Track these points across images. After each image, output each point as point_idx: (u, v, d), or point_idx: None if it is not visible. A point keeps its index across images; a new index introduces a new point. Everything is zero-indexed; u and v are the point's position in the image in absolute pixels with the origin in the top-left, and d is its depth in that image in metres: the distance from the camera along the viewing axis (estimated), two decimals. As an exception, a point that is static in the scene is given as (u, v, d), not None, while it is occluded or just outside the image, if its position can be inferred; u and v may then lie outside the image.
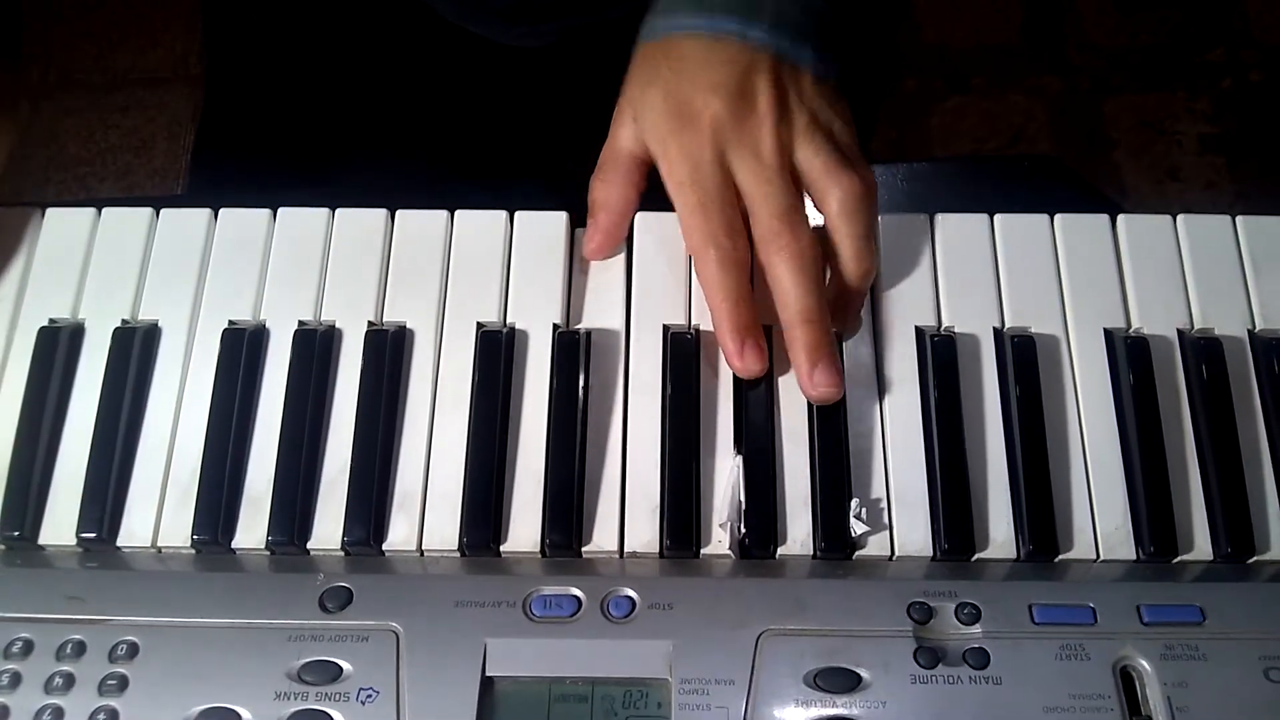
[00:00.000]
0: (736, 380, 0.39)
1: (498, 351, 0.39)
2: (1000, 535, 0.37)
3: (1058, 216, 0.42)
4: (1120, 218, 0.42)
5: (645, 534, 0.37)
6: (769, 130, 0.38)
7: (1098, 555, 0.37)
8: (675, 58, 0.40)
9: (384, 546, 0.37)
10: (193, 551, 0.37)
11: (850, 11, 0.42)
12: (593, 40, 0.57)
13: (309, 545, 0.37)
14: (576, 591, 0.35)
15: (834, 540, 0.36)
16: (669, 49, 0.40)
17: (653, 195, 0.41)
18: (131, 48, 1.29)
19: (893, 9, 0.68)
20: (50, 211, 0.42)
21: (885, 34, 0.67)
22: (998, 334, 0.40)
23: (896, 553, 0.37)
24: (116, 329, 0.40)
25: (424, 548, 0.37)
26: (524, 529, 0.37)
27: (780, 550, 0.37)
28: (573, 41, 0.58)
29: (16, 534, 0.37)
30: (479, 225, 0.42)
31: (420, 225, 0.42)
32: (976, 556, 0.37)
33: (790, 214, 0.38)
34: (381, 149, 0.61)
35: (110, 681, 0.33)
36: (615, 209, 0.41)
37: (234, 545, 0.37)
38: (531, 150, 0.61)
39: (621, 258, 0.41)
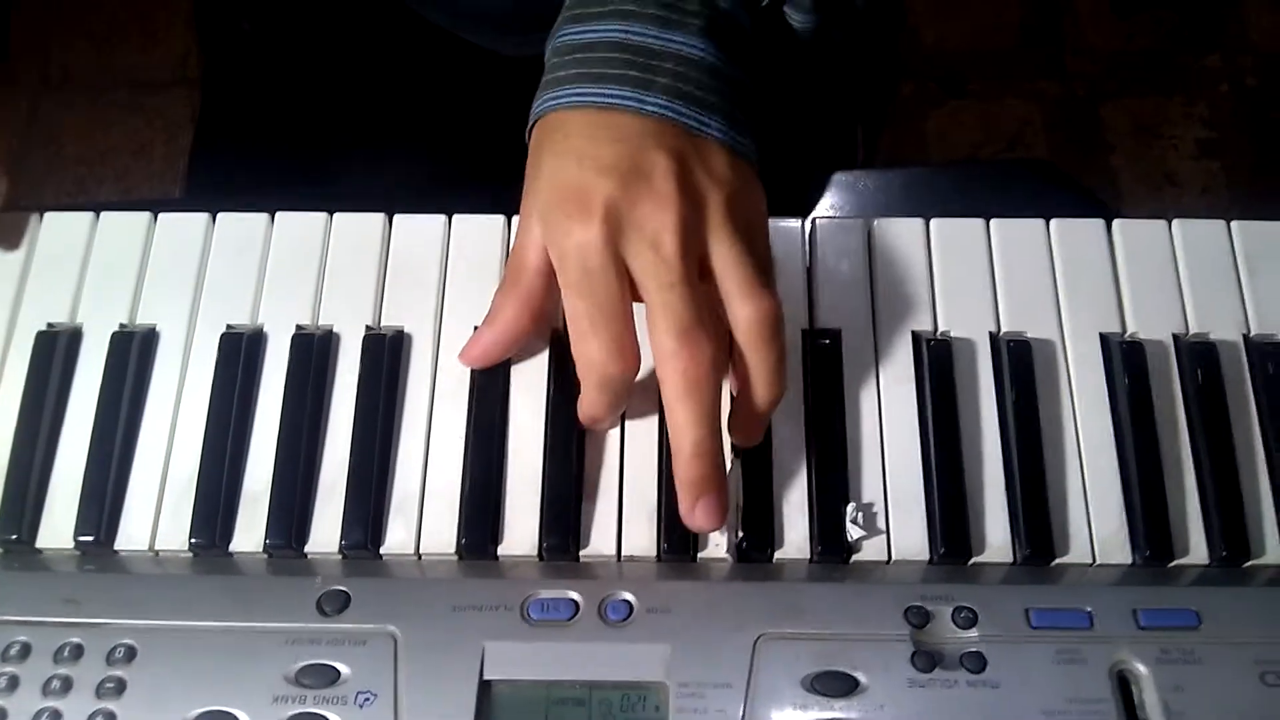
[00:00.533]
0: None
1: (496, 355, 0.39)
2: (997, 539, 0.37)
3: (1053, 221, 0.42)
4: (1116, 222, 0.42)
5: (643, 537, 0.37)
6: (672, 219, 0.33)
7: (1094, 559, 0.37)
8: (561, 137, 0.35)
9: (381, 550, 0.37)
10: (190, 555, 0.37)
11: (767, 72, 0.38)
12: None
13: (306, 549, 0.37)
14: (574, 595, 0.35)
15: (831, 544, 0.37)
16: (555, 127, 0.36)
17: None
18: (130, 50, 1.29)
19: (892, 19, 0.68)
20: (48, 215, 0.42)
21: (885, 44, 0.67)
22: (994, 338, 0.40)
23: (893, 556, 0.37)
24: (114, 333, 0.40)
25: (422, 551, 0.37)
26: (521, 532, 0.37)
27: (777, 554, 0.37)
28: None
29: (14, 537, 0.37)
30: (476, 229, 0.42)
31: (418, 229, 0.42)
32: (973, 560, 0.37)
33: (691, 332, 0.33)
34: (379, 153, 0.61)
35: (108, 684, 0.33)
36: (506, 328, 0.37)
37: (231, 548, 0.37)
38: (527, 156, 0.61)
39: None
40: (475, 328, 0.40)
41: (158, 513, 0.38)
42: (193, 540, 0.37)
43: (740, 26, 0.38)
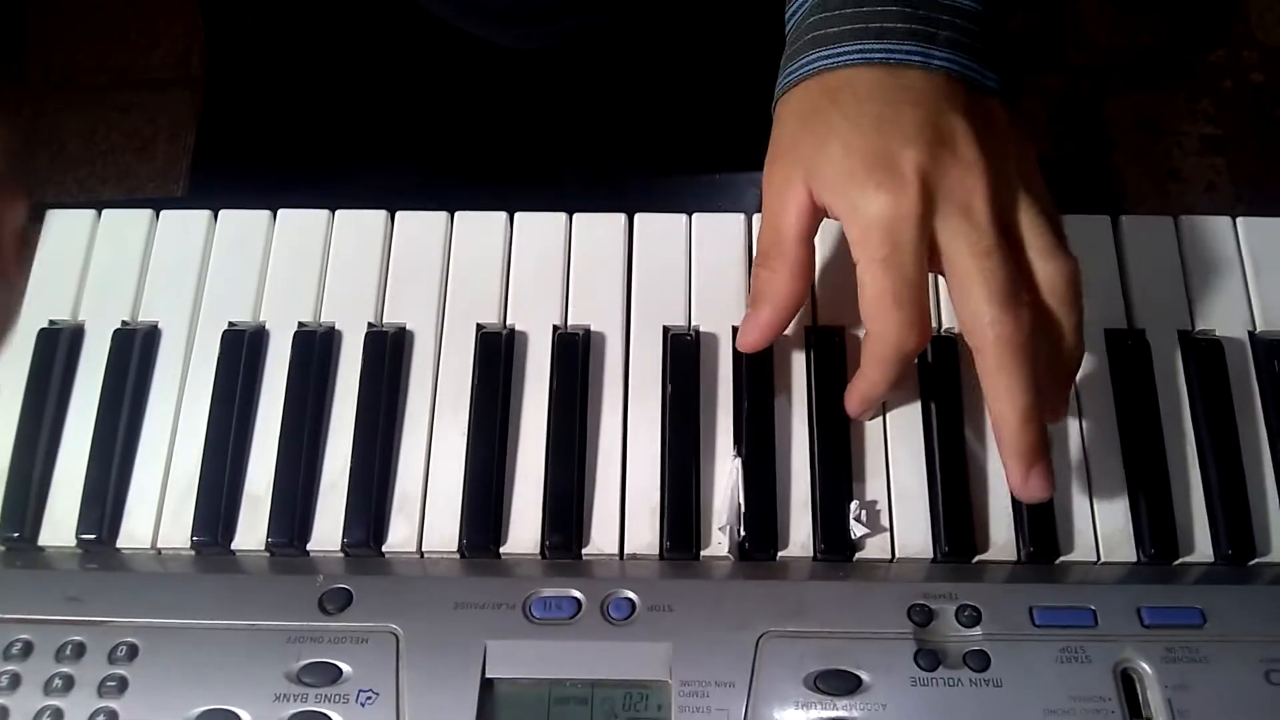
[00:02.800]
0: (736, 381, 0.39)
1: (498, 352, 0.39)
2: (1001, 537, 0.37)
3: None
4: (1121, 219, 0.42)
5: (645, 536, 0.37)
6: (982, 185, 0.32)
7: (1098, 557, 0.37)
8: (847, 98, 0.33)
9: (384, 548, 0.37)
10: (192, 553, 0.37)
11: (1007, 17, 0.35)
12: (592, 42, 0.57)
13: (309, 546, 0.37)
14: (576, 593, 0.35)
15: (834, 542, 0.36)
16: (834, 88, 0.34)
17: (654, 196, 0.41)
18: (132, 49, 1.29)
19: None
20: (50, 213, 0.42)
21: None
22: (998, 335, 0.40)
23: (897, 555, 0.37)
24: (116, 330, 0.40)
25: (424, 549, 0.37)
26: (524, 530, 0.37)
27: (780, 552, 0.37)
28: (572, 44, 0.58)
29: (16, 535, 0.37)
30: (479, 226, 0.42)
31: (420, 226, 0.42)
32: (977, 558, 0.37)
33: (1014, 298, 0.32)
34: (382, 150, 0.61)
35: (110, 683, 0.33)
36: (783, 305, 0.35)
37: (234, 546, 0.37)
38: (531, 152, 0.61)
39: (622, 258, 0.41)
40: (478, 325, 0.40)
41: (160, 511, 0.38)
42: (195, 538, 0.37)
43: None
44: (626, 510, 0.37)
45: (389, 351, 0.39)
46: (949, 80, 0.33)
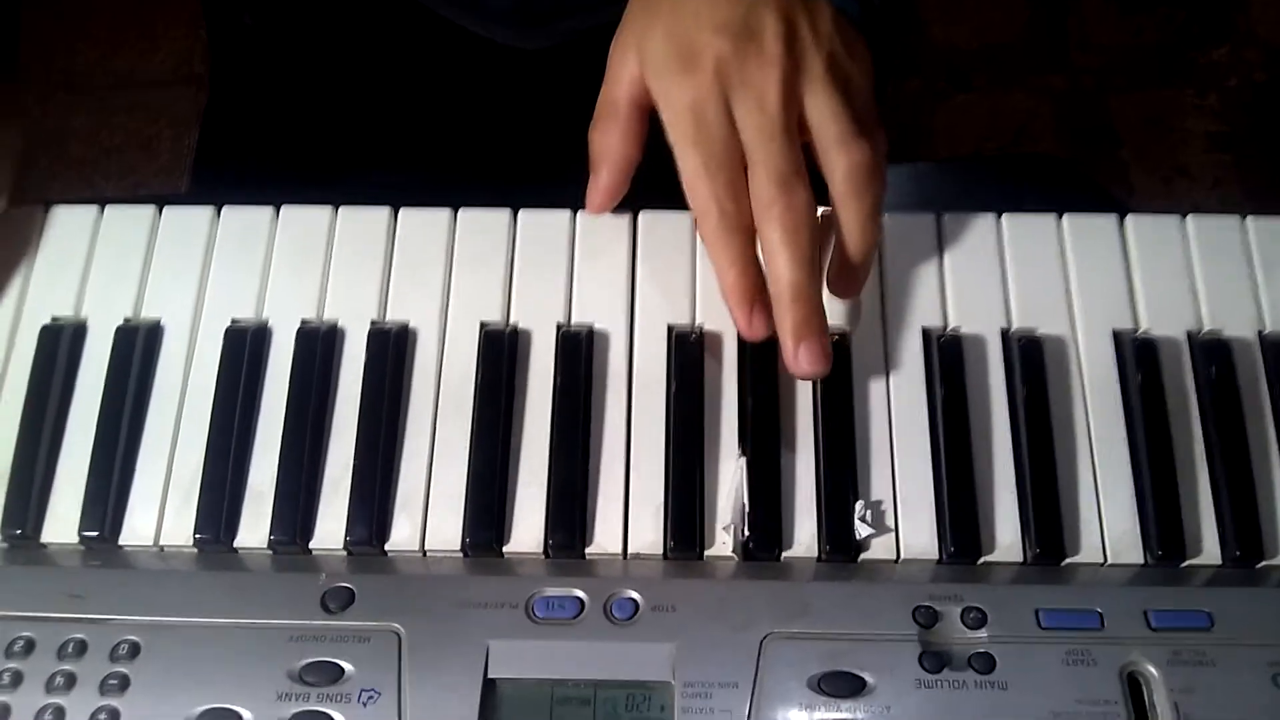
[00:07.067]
0: (741, 380, 0.39)
1: (501, 350, 0.39)
2: (1007, 538, 0.37)
3: (1065, 217, 0.41)
4: (1128, 218, 0.41)
5: (649, 535, 0.37)
6: (776, 77, 0.35)
7: (1105, 559, 0.36)
8: None
9: (386, 546, 0.37)
10: (195, 550, 0.37)
11: None
12: (593, 41, 0.57)
13: (311, 545, 0.37)
14: (579, 593, 0.35)
15: (839, 543, 0.36)
16: None
17: (654, 196, 0.40)
18: (135, 49, 1.29)
19: (896, 7, 0.67)
20: (54, 209, 0.42)
21: (888, 32, 0.67)
22: (1005, 335, 0.40)
23: (902, 556, 0.36)
24: (119, 327, 0.40)
25: (426, 548, 0.37)
26: (527, 529, 0.37)
27: (784, 553, 0.36)
28: (573, 42, 0.57)
29: (19, 532, 0.37)
30: (482, 223, 0.41)
31: (423, 223, 0.42)
32: (982, 560, 0.36)
33: (788, 179, 0.35)
34: (384, 149, 0.60)
35: (111, 681, 0.33)
36: (617, 162, 0.39)
37: (236, 544, 0.37)
38: (533, 150, 0.60)
39: (625, 257, 0.41)
40: (481, 323, 0.40)
41: (162, 508, 0.38)
42: (197, 536, 0.37)
43: None
44: (630, 509, 0.37)
45: (392, 349, 0.39)
46: None
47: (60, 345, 0.39)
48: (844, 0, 0.38)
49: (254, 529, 0.37)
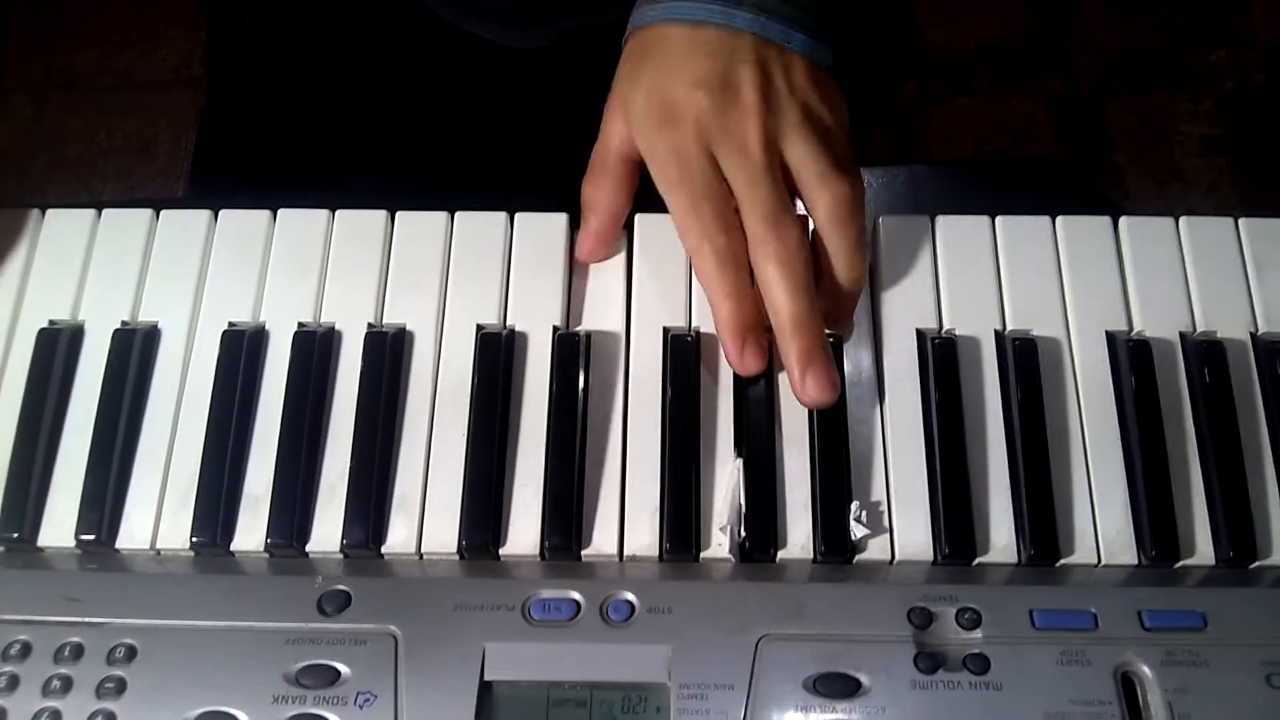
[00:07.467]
0: (737, 383, 0.39)
1: (497, 353, 0.39)
2: (1001, 539, 0.37)
3: (1059, 219, 0.42)
4: (1122, 220, 0.42)
5: (645, 537, 0.37)
6: (755, 125, 0.37)
7: (1099, 560, 0.37)
8: (659, 50, 0.39)
9: (383, 549, 0.37)
10: (191, 554, 0.37)
11: None
12: (591, 42, 0.57)
13: (308, 548, 0.37)
14: (575, 595, 0.35)
15: (834, 544, 0.36)
16: (653, 40, 0.39)
17: (650, 200, 0.41)
18: (133, 50, 1.29)
19: (890, 11, 0.68)
20: (50, 213, 0.42)
21: (882, 36, 0.67)
22: (999, 337, 0.40)
23: (897, 557, 0.37)
24: (116, 330, 0.40)
25: (423, 550, 0.37)
26: (523, 532, 0.37)
27: (780, 554, 0.37)
28: (571, 43, 0.58)
29: (15, 535, 0.37)
30: (479, 226, 0.42)
31: (420, 226, 0.42)
32: (977, 561, 0.37)
33: (778, 216, 0.37)
34: (382, 151, 0.60)
35: (108, 684, 0.33)
36: (606, 212, 0.40)
37: (233, 547, 0.37)
38: (531, 152, 0.61)
39: (622, 259, 0.41)
40: (478, 325, 0.40)
41: (159, 511, 0.38)
42: (194, 539, 0.37)
43: None
44: (626, 511, 0.37)
45: (389, 352, 0.39)
46: (750, 38, 0.38)
47: (57, 348, 0.40)
48: (817, 51, 0.39)
49: (250, 532, 0.37)
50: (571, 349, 0.39)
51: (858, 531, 0.36)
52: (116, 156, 1.24)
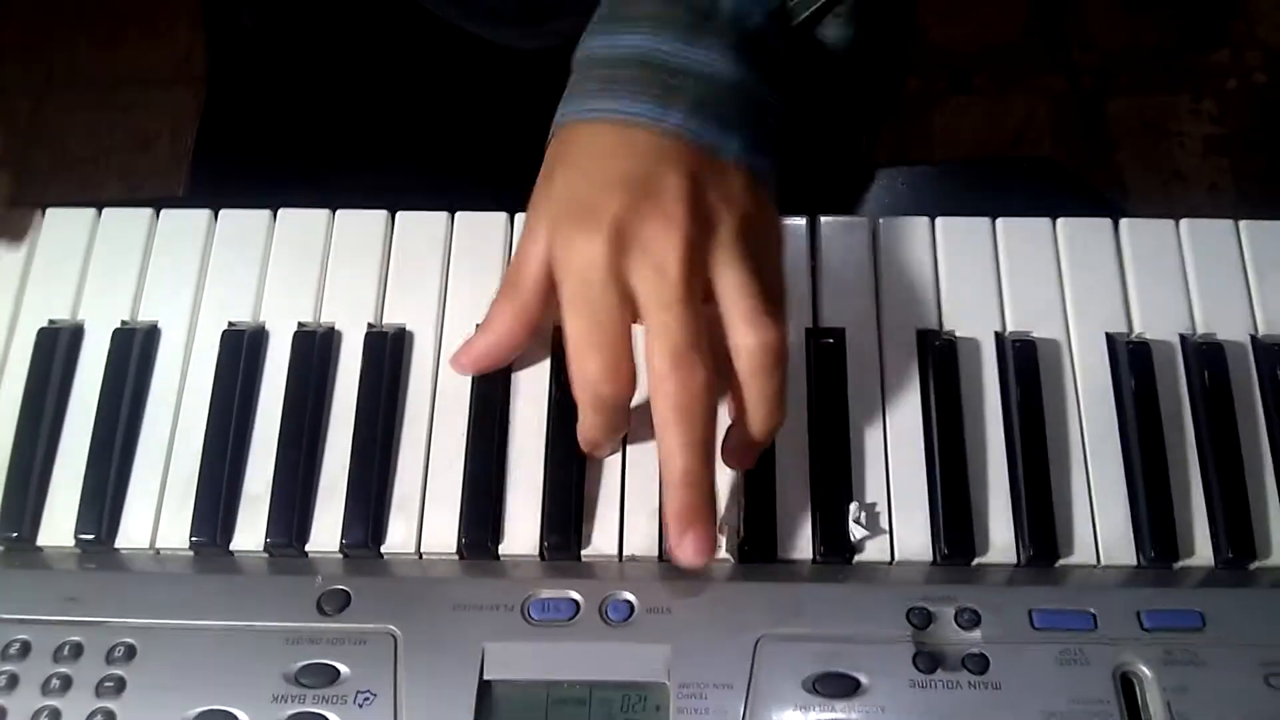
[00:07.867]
0: (736, 383, 0.39)
1: (497, 354, 0.39)
2: (1000, 540, 0.37)
3: (1060, 220, 0.42)
4: (1123, 221, 0.42)
5: (644, 537, 0.37)
6: (678, 239, 0.32)
7: (1098, 560, 0.37)
8: (581, 149, 0.35)
9: (382, 549, 0.37)
10: (191, 553, 0.37)
11: (794, 89, 0.36)
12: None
13: (307, 547, 0.37)
14: (575, 595, 0.35)
15: (833, 544, 0.36)
16: (572, 140, 0.35)
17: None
18: (133, 48, 1.29)
19: (901, 23, 0.67)
20: (50, 211, 0.42)
21: (897, 42, 0.66)
22: (999, 338, 0.40)
23: (896, 557, 0.37)
24: (116, 329, 0.40)
25: (422, 550, 0.37)
26: (523, 532, 0.37)
27: (779, 554, 0.37)
28: (572, 44, 0.58)
29: (15, 535, 0.37)
30: (479, 226, 0.42)
31: (420, 226, 0.42)
32: (976, 561, 0.37)
33: (685, 355, 0.32)
34: (382, 150, 0.60)
35: (108, 683, 0.33)
36: (500, 340, 0.37)
37: (232, 547, 0.37)
38: (531, 153, 0.60)
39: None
40: (478, 325, 0.40)
41: (159, 511, 0.38)
42: (193, 539, 0.37)
43: (770, 46, 0.37)
44: (625, 512, 0.37)
45: (389, 352, 0.39)
46: (678, 141, 0.34)
47: (57, 347, 0.40)
48: (758, 163, 0.35)
49: (250, 531, 0.37)
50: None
51: (857, 532, 0.36)
52: (117, 154, 1.24)
